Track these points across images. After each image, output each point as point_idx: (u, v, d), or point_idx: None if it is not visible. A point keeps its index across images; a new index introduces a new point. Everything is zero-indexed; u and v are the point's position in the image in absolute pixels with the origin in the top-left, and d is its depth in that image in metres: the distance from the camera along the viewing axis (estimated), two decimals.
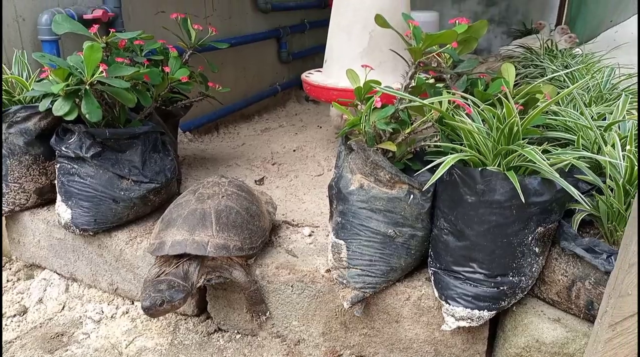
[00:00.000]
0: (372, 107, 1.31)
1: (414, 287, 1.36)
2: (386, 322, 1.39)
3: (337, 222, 1.40)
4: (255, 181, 2.23)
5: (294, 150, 2.71)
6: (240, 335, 1.52)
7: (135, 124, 1.67)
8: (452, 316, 1.26)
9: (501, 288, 1.23)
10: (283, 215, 1.83)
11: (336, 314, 1.43)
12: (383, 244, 1.33)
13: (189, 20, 2.02)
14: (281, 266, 1.47)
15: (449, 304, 1.26)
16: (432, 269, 1.34)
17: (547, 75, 2.05)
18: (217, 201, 1.47)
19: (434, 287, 1.32)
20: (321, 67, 2.71)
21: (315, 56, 4.18)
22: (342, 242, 1.37)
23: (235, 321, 1.53)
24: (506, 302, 1.25)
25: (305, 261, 1.50)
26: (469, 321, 1.24)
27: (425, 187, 1.22)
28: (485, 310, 1.24)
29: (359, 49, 2.20)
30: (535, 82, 1.36)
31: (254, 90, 3.45)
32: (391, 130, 1.33)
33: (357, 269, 1.34)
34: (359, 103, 1.39)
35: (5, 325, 1.62)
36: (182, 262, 1.39)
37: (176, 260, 1.39)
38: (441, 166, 1.16)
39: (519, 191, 1.11)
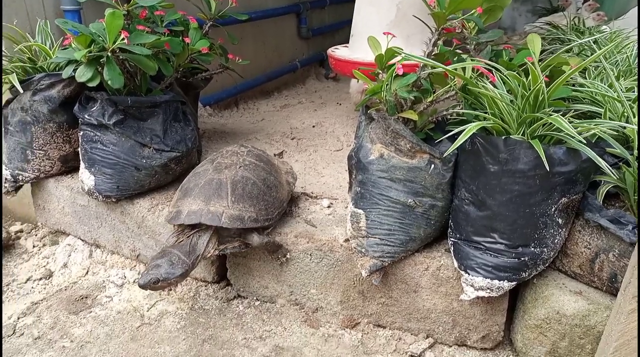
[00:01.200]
0: (393, 75, 1.30)
1: (433, 258, 1.36)
2: (404, 292, 1.39)
3: (356, 191, 1.40)
4: (275, 155, 2.23)
5: (313, 126, 2.70)
6: (259, 302, 1.54)
7: (156, 93, 1.67)
8: (472, 285, 1.25)
9: (522, 259, 1.22)
10: (302, 188, 1.83)
11: (354, 283, 1.43)
12: (402, 214, 1.32)
13: None
14: (300, 235, 1.48)
15: (469, 274, 1.25)
16: (452, 239, 1.33)
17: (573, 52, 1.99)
18: (234, 171, 1.46)
19: (453, 257, 1.31)
20: (341, 44, 2.68)
21: (335, 33, 4.13)
22: (361, 211, 1.36)
23: (255, 287, 1.55)
24: (527, 273, 1.24)
25: (323, 230, 1.50)
26: (488, 291, 1.24)
27: (447, 152, 1.20)
28: (505, 281, 1.23)
29: (385, 21, 2.16)
30: (560, 51, 1.32)
31: (274, 66, 3.44)
32: (413, 99, 1.31)
33: (376, 238, 1.34)
34: (380, 72, 1.37)
35: (32, 288, 1.66)
36: (194, 233, 1.40)
37: (190, 229, 1.40)
38: (464, 133, 1.14)
39: (544, 160, 1.09)
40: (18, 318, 1.50)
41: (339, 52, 2.41)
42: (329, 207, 1.68)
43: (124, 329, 1.43)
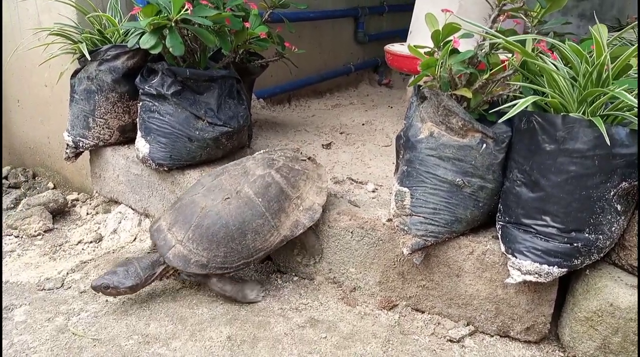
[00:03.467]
0: (449, 51, 1.28)
1: (479, 242, 1.31)
2: (446, 275, 1.35)
3: (402, 171, 1.38)
4: (323, 145, 2.24)
5: (363, 124, 2.70)
6: (297, 277, 1.54)
7: (214, 68, 1.73)
8: (518, 269, 1.20)
9: (575, 245, 1.15)
10: (347, 176, 1.83)
11: (394, 264, 1.40)
12: (449, 193, 1.29)
13: None
14: (342, 212, 1.47)
15: (516, 257, 1.20)
16: (500, 223, 1.28)
17: None
18: (216, 202, 1.35)
19: (500, 241, 1.27)
20: None
21: (391, 40, 4.13)
22: (406, 189, 1.34)
23: (295, 264, 1.55)
24: (579, 260, 1.17)
25: (367, 210, 1.49)
26: (536, 275, 1.18)
27: (503, 119, 1.14)
28: (556, 266, 1.17)
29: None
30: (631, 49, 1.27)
31: (328, 67, 3.47)
32: (468, 75, 1.29)
33: (420, 216, 1.31)
34: (436, 50, 1.36)
35: (82, 249, 1.73)
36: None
37: None
38: (522, 101, 1.11)
39: (606, 137, 1.03)
40: (67, 274, 1.56)
41: (395, 47, 2.41)
42: (373, 191, 1.66)
43: (165, 291, 1.45)
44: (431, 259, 1.35)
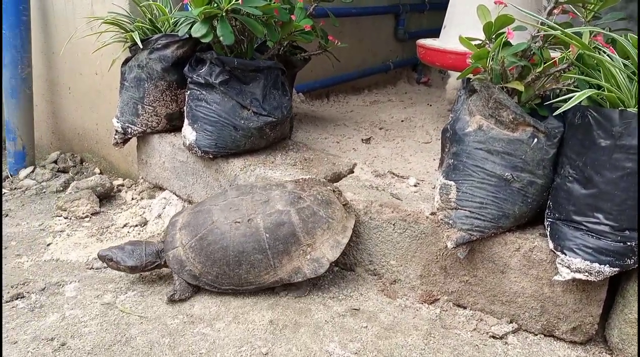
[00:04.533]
0: (502, 43, 1.26)
1: (526, 238, 1.29)
2: (490, 271, 1.33)
3: (448, 164, 1.36)
4: (362, 140, 2.24)
5: (402, 121, 2.68)
6: (337, 268, 1.54)
7: (260, 59, 1.75)
8: (568, 267, 1.17)
9: (628, 244, 1.12)
10: (389, 170, 1.82)
11: (437, 258, 1.39)
12: (497, 188, 1.27)
13: None
14: (385, 205, 1.47)
15: (565, 255, 1.17)
16: (549, 219, 1.25)
17: None
18: (227, 222, 1.35)
19: (549, 238, 1.24)
20: None
21: (432, 38, 4.10)
22: (452, 183, 1.33)
23: None
24: (632, 260, 1.14)
25: (409, 204, 1.48)
26: (586, 274, 1.15)
27: (558, 111, 1.13)
28: (607, 265, 1.14)
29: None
30: None
31: (367, 64, 3.47)
32: (520, 67, 1.27)
33: (465, 210, 1.30)
34: (487, 43, 1.34)
35: (128, 232, 1.78)
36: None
37: None
38: (578, 94, 1.09)
39: None
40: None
41: (428, 41, 2.39)
42: (415, 185, 1.65)
43: None
44: (475, 255, 1.33)
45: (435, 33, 4.03)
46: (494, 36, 1.31)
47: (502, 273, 1.32)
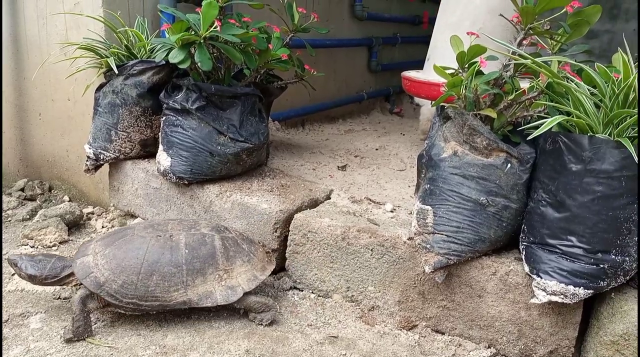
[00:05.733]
0: (475, 72, 1.30)
1: (502, 262, 1.30)
2: (468, 296, 1.33)
3: (424, 189, 1.38)
4: (338, 167, 2.26)
5: (377, 149, 2.72)
6: (314, 295, 1.52)
7: (237, 86, 1.76)
8: (544, 290, 1.18)
9: (601, 266, 1.15)
10: (365, 196, 1.83)
11: (415, 283, 1.39)
12: (473, 212, 1.29)
13: (294, 4, 2.12)
14: (362, 230, 1.47)
15: (541, 278, 1.19)
16: (524, 243, 1.27)
17: None
18: (148, 236, 1.32)
19: (524, 262, 1.26)
20: None
21: (403, 70, 4.21)
22: (428, 207, 1.34)
23: (311, 280, 1.53)
24: (605, 282, 1.16)
25: (386, 229, 1.48)
26: (562, 296, 1.16)
27: (532, 136, 1.16)
28: (582, 287, 1.15)
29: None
30: None
31: (341, 94, 3.53)
32: (493, 95, 1.31)
33: (442, 234, 1.31)
34: (461, 71, 1.38)
35: None
36: None
37: None
38: (549, 121, 1.12)
39: (635, 158, 1.04)
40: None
41: (412, 74, 2.46)
42: (392, 211, 1.66)
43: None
44: (453, 279, 1.34)
45: (407, 65, 4.16)
46: (466, 65, 1.36)
47: (480, 297, 1.32)
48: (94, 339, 1.26)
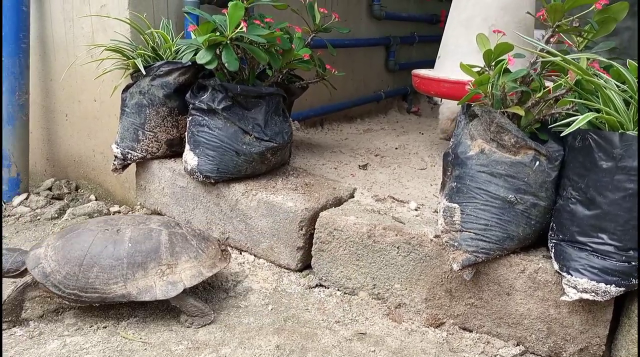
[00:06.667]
0: (502, 70, 1.30)
1: (530, 260, 1.30)
2: (496, 293, 1.33)
3: (451, 187, 1.38)
4: (359, 166, 2.27)
5: (396, 148, 2.72)
6: (340, 292, 1.53)
7: (262, 85, 1.78)
8: (574, 287, 1.18)
9: (633, 263, 1.14)
10: (389, 195, 1.83)
11: (442, 281, 1.40)
12: (501, 210, 1.29)
13: (315, 4, 2.14)
14: (388, 228, 1.48)
15: (571, 275, 1.19)
16: (553, 241, 1.27)
17: None
18: (97, 230, 1.34)
19: (554, 259, 1.25)
20: None
21: (426, 68, 4.20)
22: (456, 205, 1.35)
23: (337, 277, 1.55)
24: (637, 280, 1.15)
25: (412, 227, 1.49)
26: (593, 294, 1.16)
27: (564, 133, 1.16)
28: (613, 285, 1.15)
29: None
30: None
31: (359, 94, 3.53)
32: (520, 93, 1.31)
33: (470, 232, 1.31)
34: (487, 69, 1.38)
35: None
36: None
37: None
38: (579, 119, 1.12)
39: None
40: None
41: (423, 71, 2.46)
42: (416, 209, 1.67)
43: (211, 299, 1.46)
44: (480, 277, 1.34)
45: (424, 64, 4.15)
46: (493, 63, 1.36)
47: (508, 295, 1.32)
48: (128, 334, 1.29)
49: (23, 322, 1.33)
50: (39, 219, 2.05)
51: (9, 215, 2.08)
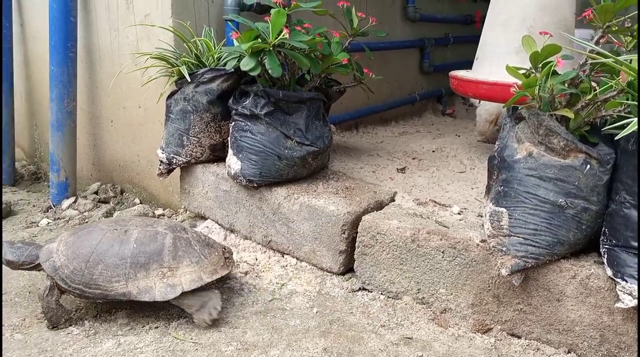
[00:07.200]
0: (550, 72, 1.28)
1: (582, 266, 1.27)
2: (545, 299, 1.31)
3: (497, 191, 1.37)
4: (397, 169, 2.26)
5: (433, 151, 2.70)
6: (384, 296, 1.53)
7: (302, 90, 1.80)
8: (629, 294, 1.15)
9: None
10: (430, 198, 1.82)
11: (489, 286, 1.38)
12: (551, 214, 1.27)
13: (353, 9, 2.15)
14: (432, 232, 1.47)
15: (626, 282, 1.16)
16: (606, 246, 1.24)
17: None
18: (107, 229, 1.40)
19: (607, 265, 1.23)
20: None
21: (464, 69, 4.16)
22: (503, 209, 1.33)
23: (381, 281, 1.55)
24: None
25: (456, 231, 1.48)
26: None
27: (619, 136, 1.12)
28: None
29: (515, 44, 2.15)
30: None
31: (394, 96, 3.52)
32: (569, 95, 1.29)
33: (519, 237, 1.29)
34: (534, 71, 1.36)
35: None
36: None
37: None
38: (632, 123, 1.09)
39: None
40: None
41: (460, 73, 2.43)
42: (459, 213, 1.65)
43: (257, 301, 1.49)
44: (529, 282, 1.32)
45: (458, 65, 4.12)
46: (539, 65, 1.34)
47: (558, 301, 1.30)
48: (179, 335, 1.32)
49: (78, 322, 1.38)
50: (86, 222, 2.12)
51: (58, 218, 2.16)
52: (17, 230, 2.06)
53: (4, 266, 1.43)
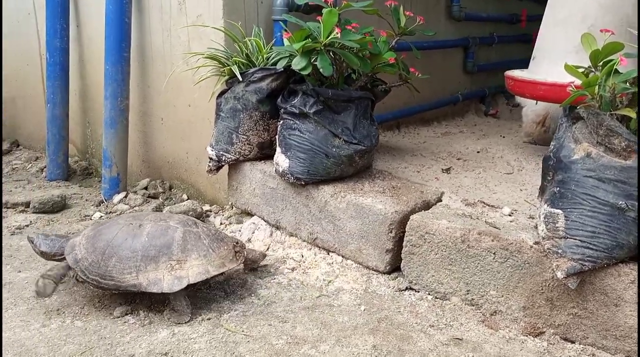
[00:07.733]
0: (611, 70, 1.25)
1: None
2: (602, 304, 1.27)
3: (553, 192, 1.34)
4: (442, 170, 2.24)
5: (478, 152, 2.66)
6: (431, 297, 1.53)
7: (351, 89, 1.81)
8: None
9: None
10: (479, 199, 1.80)
11: (542, 289, 1.35)
12: (610, 217, 1.23)
13: (400, 8, 2.14)
14: (484, 233, 1.45)
15: None
16: None
17: None
18: (124, 223, 1.46)
19: None
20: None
21: (499, 71, 4.06)
22: (559, 211, 1.30)
23: (428, 281, 1.54)
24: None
25: (508, 233, 1.45)
26: None
27: None
28: None
29: (574, 43, 2.09)
30: None
31: (437, 96, 3.49)
32: (631, 94, 1.25)
33: (575, 239, 1.26)
34: (593, 70, 1.33)
35: None
36: None
37: None
38: None
39: None
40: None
41: (517, 73, 2.38)
42: (510, 215, 1.63)
43: (305, 297, 1.51)
44: (585, 286, 1.29)
45: (503, 65, 4.04)
46: (600, 64, 1.31)
47: (616, 306, 1.26)
48: (230, 327, 1.35)
49: (134, 311, 1.43)
50: None
51: (110, 212, 2.25)
52: (71, 222, 2.15)
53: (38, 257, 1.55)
